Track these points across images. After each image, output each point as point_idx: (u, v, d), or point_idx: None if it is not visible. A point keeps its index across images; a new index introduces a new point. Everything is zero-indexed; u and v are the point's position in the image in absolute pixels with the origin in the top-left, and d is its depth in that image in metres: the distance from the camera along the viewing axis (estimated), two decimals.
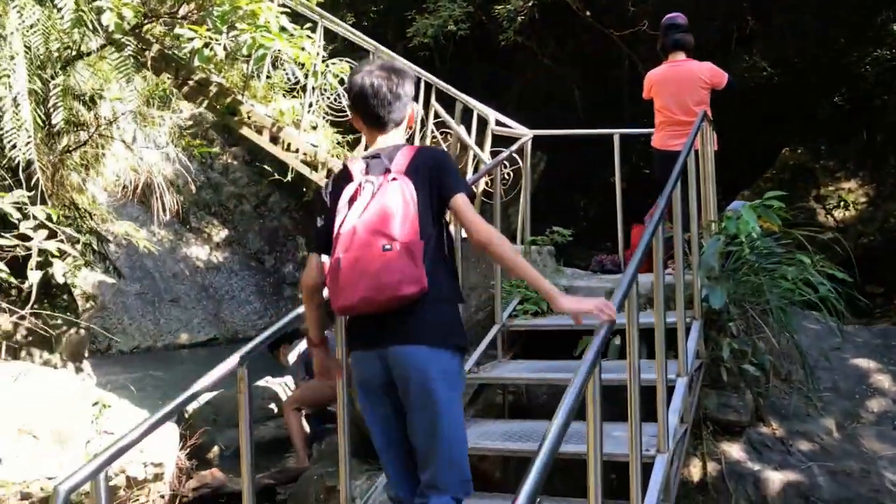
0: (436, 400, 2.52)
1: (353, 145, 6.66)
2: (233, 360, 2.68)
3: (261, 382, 7.46)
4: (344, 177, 2.67)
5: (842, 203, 14.73)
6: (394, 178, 2.53)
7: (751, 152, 11.95)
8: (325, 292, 2.70)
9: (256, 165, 16.80)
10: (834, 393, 4.86)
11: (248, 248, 16.33)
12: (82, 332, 6.32)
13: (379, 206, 2.49)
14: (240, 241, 16.30)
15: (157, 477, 4.97)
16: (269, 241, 16.55)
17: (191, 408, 6.88)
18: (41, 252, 4.25)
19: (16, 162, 4.40)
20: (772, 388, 4.69)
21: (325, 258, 2.67)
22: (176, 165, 8.92)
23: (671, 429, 3.40)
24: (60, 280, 4.44)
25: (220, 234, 16.10)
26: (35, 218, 4.34)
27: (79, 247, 5.47)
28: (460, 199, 2.61)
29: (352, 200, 2.55)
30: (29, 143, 4.46)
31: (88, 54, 5.77)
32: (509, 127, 6.63)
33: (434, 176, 2.60)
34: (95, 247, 6.06)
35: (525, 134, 6.21)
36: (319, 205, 2.74)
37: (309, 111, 6.41)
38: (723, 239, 4.34)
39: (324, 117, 6.67)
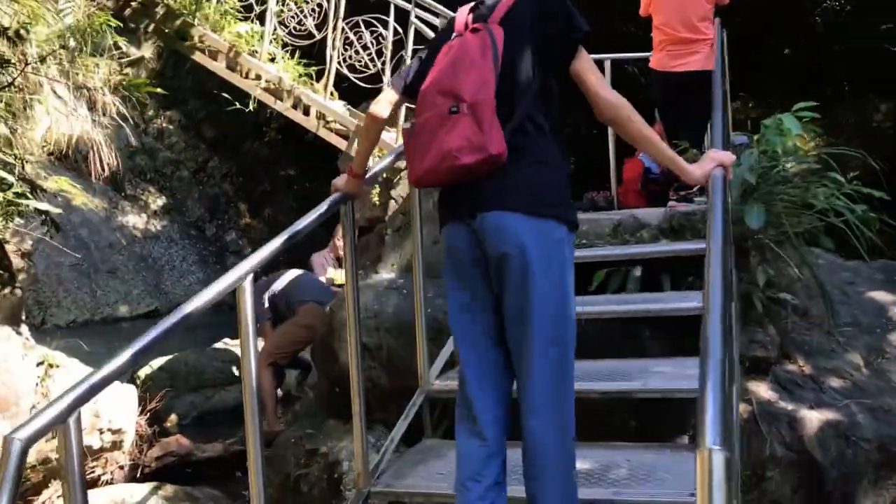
0: (532, 282, 2.05)
1: (318, 77, 6.04)
2: (237, 272, 2.15)
3: (219, 344, 6.84)
4: (449, 28, 2.29)
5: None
6: (476, 29, 2.11)
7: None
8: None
9: (193, 129, 15.99)
10: (856, 328, 4.58)
11: (187, 216, 15.58)
12: (18, 292, 5.64)
13: (450, 62, 2.08)
14: (178, 209, 15.52)
15: (116, 445, 4.38)
16: (210, 209, 15.84)
17: (143, 373, 6.25)
18: None
19: None
20: (791, 324, 4.38)
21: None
22: (113, 115, 8.15)
23: None
24: None
25: (157, 201, 15.29)
26: None
27: (9, 193, 4.81)
28: (584, 62, 2.18)
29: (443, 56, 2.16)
30: None
31: None
32: None
33: (541, 24, 2.16)
34: (30, 196, 5.34)
35: None
36: None
37: (270, 41, 5.75)
38: (756, 153, 3.91)
39: (283, 47, 6.01)
